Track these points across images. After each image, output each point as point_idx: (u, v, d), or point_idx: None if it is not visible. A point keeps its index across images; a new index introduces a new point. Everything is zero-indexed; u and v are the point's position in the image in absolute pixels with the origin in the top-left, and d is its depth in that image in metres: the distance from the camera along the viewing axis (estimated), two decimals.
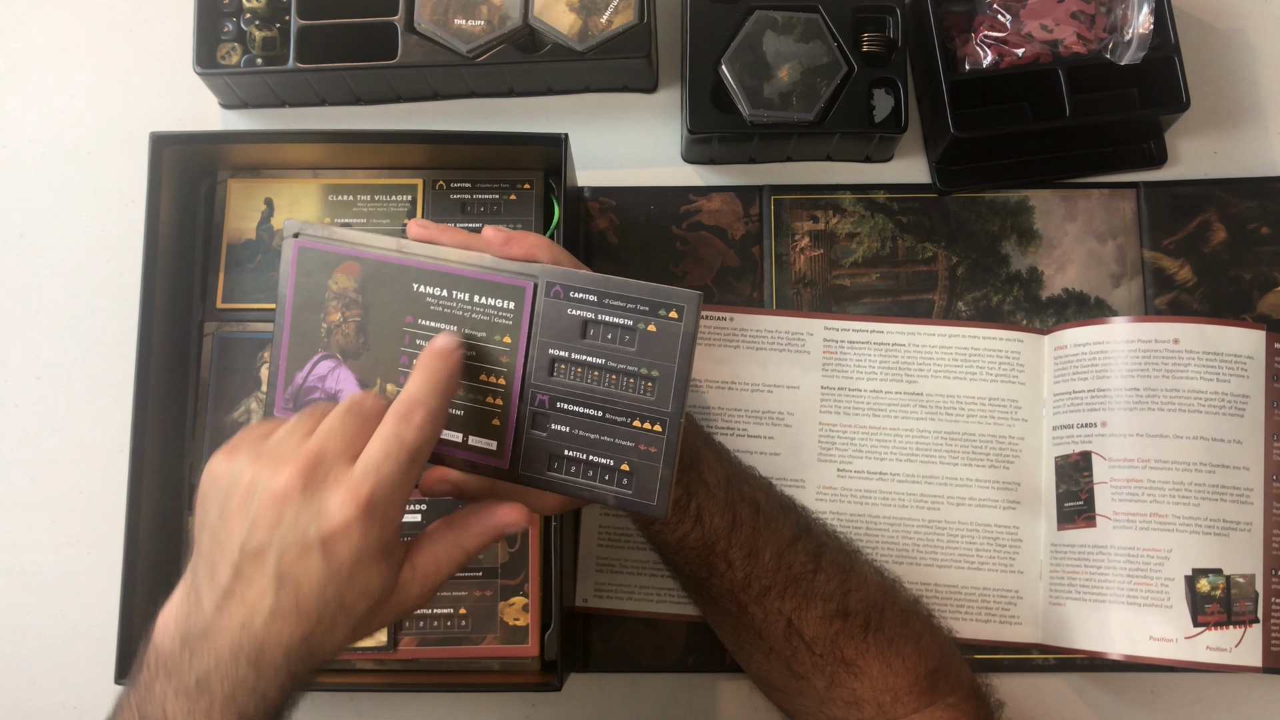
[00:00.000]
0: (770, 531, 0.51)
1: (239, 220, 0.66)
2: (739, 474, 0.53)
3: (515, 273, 0.47)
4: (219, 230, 0.66)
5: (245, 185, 0.66)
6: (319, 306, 0.49)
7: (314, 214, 0.66)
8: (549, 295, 0.46)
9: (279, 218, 0.66)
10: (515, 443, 0.47)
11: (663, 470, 0.45)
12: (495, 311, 0.47)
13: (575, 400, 0.46)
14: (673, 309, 0.45)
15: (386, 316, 0.48)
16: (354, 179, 0.66)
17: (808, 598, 0.51)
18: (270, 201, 0.66)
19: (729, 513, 0.50)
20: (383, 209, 0.66)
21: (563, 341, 0.46)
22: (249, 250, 0.66)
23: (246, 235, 0.66)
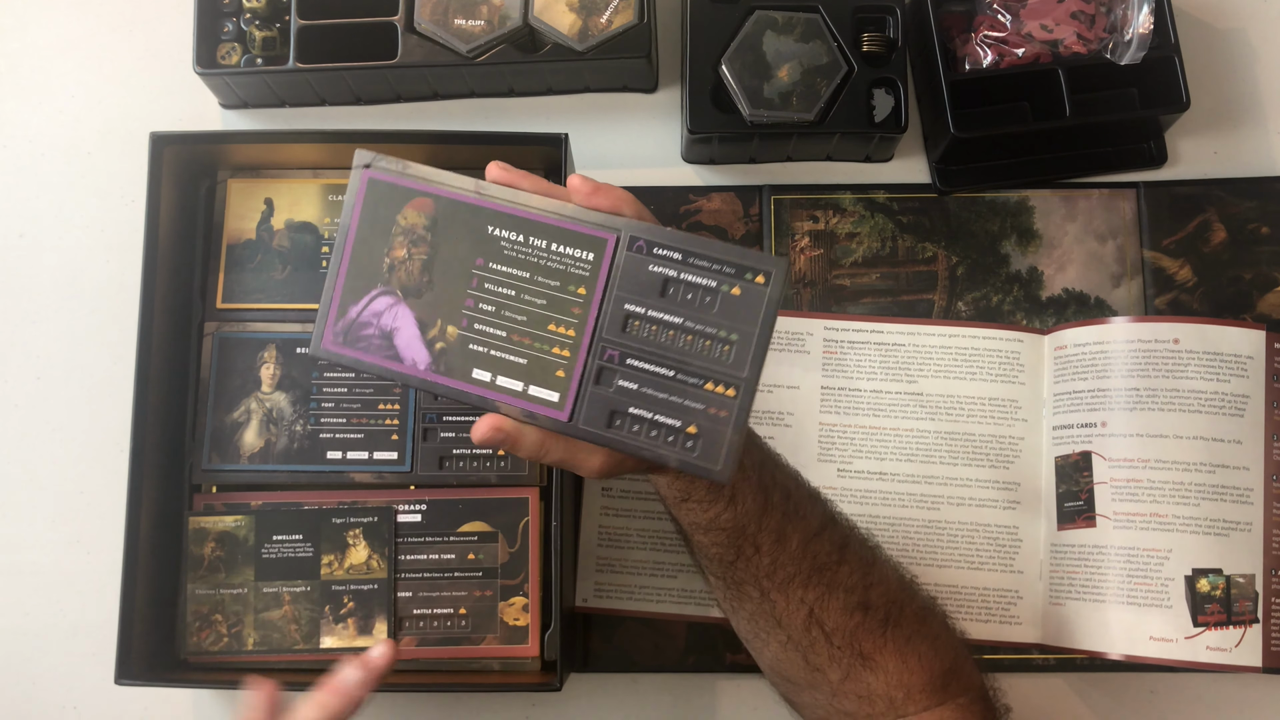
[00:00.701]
0: (799, 519, 0.51)
1: (239, 220, 0.66)
2: (771, 459, 0.52)
3: (598, 224, 0.46)
4: (219, 230, 0.66)
5: (245, 185, 0.66)
6: (384, 239, 0.47)
7: (315, 214, 0.66)
8: (631, 250, 0.45)
9: (279, 217, 0.66)
10: (578, 395, 0.46)
11: (731, 434, 0.44)
12: (572, 261, 0.46)
13: (647, 358, 0.45)
14: (760, 273, 0.44)
15: (456, 256, 0.46)
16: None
17: (831, 588, 0.50)
18: (270, 201, 0.66)
19: (762, 496, 0.50)
20: None
21: (640, 297, 0.45)
22: (249, 250, 0.66)
23: (246, 235, 0.66)
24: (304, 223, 0.66)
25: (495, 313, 0.46)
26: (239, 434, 0.64)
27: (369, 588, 0.63)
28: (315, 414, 0.64)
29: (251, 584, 0.63)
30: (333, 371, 0.64)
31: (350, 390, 0.64)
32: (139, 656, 0.60)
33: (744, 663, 0.65)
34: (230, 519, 0.63)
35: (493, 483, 0.63)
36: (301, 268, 0.65)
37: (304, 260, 0.65)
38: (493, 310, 0.46)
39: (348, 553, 0.63)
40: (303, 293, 0.65)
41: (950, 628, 0.54)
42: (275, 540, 0.63)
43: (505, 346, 0.46)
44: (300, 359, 0.64)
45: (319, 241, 0.66)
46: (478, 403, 0.47)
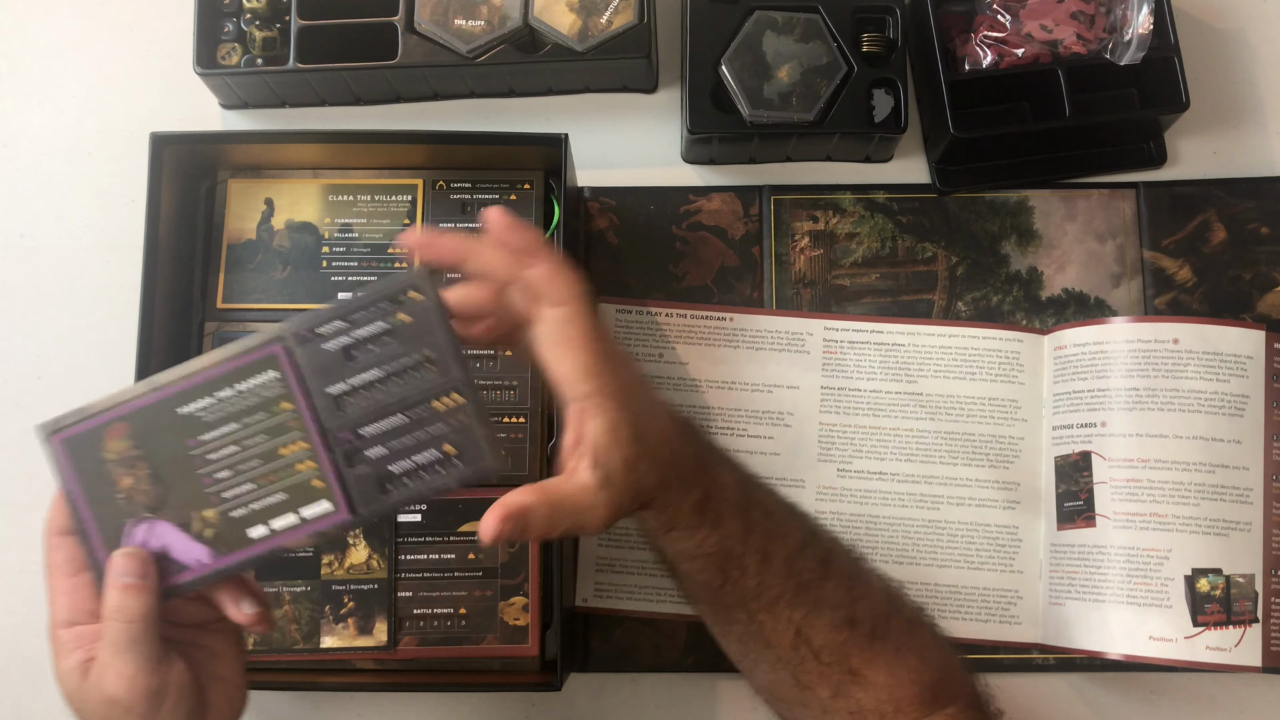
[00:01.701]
0: (781, 536, 0.51)
1: (239, 220, 0.66)
2: (747, 477, 0.52)
3: (259, 345, 0.47)
4: (219, 230, 0.66)
5: (245, 185, 0.66)
6: (107, 480, 0.48)
7: (315, 214, 0.66)
8: (301, 345, 0.47)
9: (279, 217, 0.66)
10: (344, 490, 0.47)
11: (479, 428, 0.46)
12: (261, 388, 0.47)
13: (375, 419, 0.47)
14: (410, 289, 0.46)
15: (170, 452, 0.47)
16: (354, 179, 0.66)
17: (816, 605, 0.50)
18: (270, 201, 0.66)
19: (743, 515, 0.50)
20: (383, 209, 0.66)
21: (335, 376, 0.47)
22: (249, 250, 0.66)
23: (247, 235, 0.66)
24: (304, 223, 0.66)
25: (232, 475, 0.47)
26: None
27: (369, 587, 0.63)
28: None
29: None
30: None
31: None
32: None
33: None
34: None
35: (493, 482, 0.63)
36: (302, 268, 0.65)
37: (304, 260, 0.65)
38: (229, 474, 0.47)
39: (348, 552, 0.63)
40: (304, 293, 0.65)
41: (938, 636, 0.54)
42: None
43: (259, 494, 0.47)
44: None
45: (319, 242, 0.66)
46: (270, 557, 0.47)
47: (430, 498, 0.48)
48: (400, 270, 0.46)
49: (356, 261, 0.65)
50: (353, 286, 0.65)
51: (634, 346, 0.68)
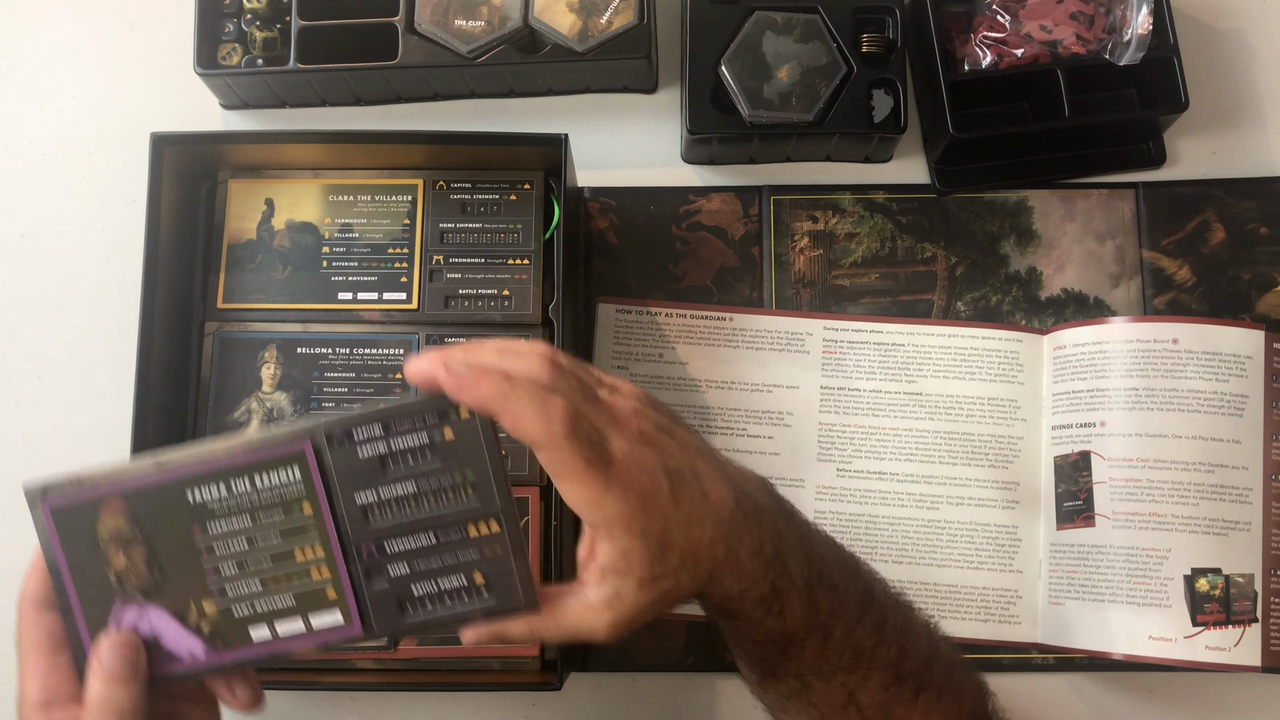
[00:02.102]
0: (843, 610, 0.47)
1: (239, 220, 0.66)
2: (815, 550, 0.48)
3: (287, 438, 0.43)
4: (219, 230, 0.66)
5: (246, 185, 0.66)
6: (97, 557, 0.44)
7: (316, 214, 0.66)
8: (333, 445, 0.43)
9: (280, 217, 0.66)
10: (359, 604, 0.44)
11: (516, 564, 0.44)
12: (282, 486, 0.43)
13: (402, 536, 0.44)
14: (459, 408, 0.43)
15: (173, 537, 0.44)
16: (355, 179, 0.66)
17: (870, 670, 0.48)
18: (271, 201, 0.66)
19: (810, 601, 0.47)
20: (383, 208, 0.66)
21: (366, 485, 0.43)
22: (249, 250, 0.66)
23: (247, 235, 0.66)
24: (305, 223, 0.66)
25: (240, 570, 0.44)
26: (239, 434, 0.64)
27: None
28: (316, 413, 0.64)
29: None
30: (333, 371, 0.64)
31: (351, 390, 0.64)
32: None
33: None
34: None
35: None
36: (302, 267, 0.65)
37: (305, 260, 0.65)
38: (236, 569, 0.44)
39: None
40: (304, 293, 0.65)
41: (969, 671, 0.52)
42: None
43: (266, 595, 0.44)
44: (301, 359, 0.65)
45: (320, 241, 0.66)
46: (272, 661, 0.44)
47: (452, 626, 0.45)
48: None
49: (357, 261, 0.65)
50: (353, 287, 0.65)
51: (634, 346, 0.68)
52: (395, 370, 0.64)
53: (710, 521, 0.43)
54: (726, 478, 0.45)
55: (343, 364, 0.64)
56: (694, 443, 0.45)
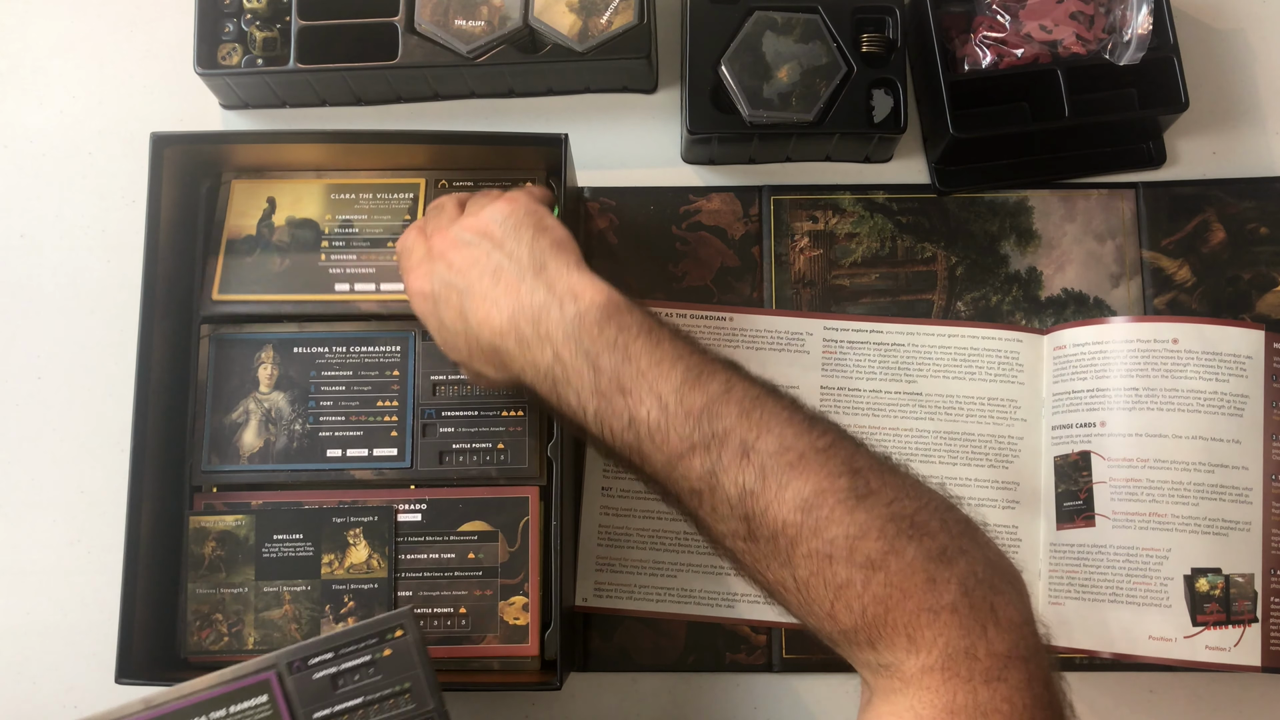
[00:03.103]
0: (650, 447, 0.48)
1: (240, 217, 0.66)
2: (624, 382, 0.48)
3: (254, 671, 0.51)
4: (219, 228, 0.66)
5: (249, 185, 0.67)
6: None
7: (317, 212, 0.66)
8: (293, 673, 0.51)
9: (280, 215, 0.66)
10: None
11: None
12: (253, 710, 0.51)
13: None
14: (396, 628, 0.52)
15: None
16: (358, 179, 0.67)
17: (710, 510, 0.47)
18: (273, 200, 0.66)
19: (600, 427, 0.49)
20: (384, 205, 0.66)
21: (321, 703, 0.51)
22: (248, 244, 0.66)
23: (247, 231, 0.66)
24: (305, 219, 0.66)
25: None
26: (238, 435, 0.64)
27: (369, 587, 0.63)
28: (314, 413, 0.64)
29: (252, 583, 0.63)
30: (330, 370, 0.64)
31: (348, 388, 0.64)
32: (139, 656, 0.60)
33: (743, 662, 0.66)
34: (231, 518, 0.63)
35: (494, 478, 0.63)
36: (300, 260, 0.66)
37: (303, 252, 0.66)
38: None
39: (348, 552, 0.63)
40: (300, 284, 0.65)
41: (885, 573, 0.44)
42: (275, 540, 0.63)
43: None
44: (298, 358, 0.65)
45: (319, 236, 0.66)
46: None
47: None
48: (384, 614, 0.53)
49: (356, 254, 0.66)
50: (351, 278, 0.65)
51: None
52: (392, 368, 0.64)
53: (474, 334, 0.52)
54: (509, 303, 0.51)
55: (339, 363, 0.64)
56: (489, 265, 0.52)
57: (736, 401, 0.47)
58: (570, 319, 0.49)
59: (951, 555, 0.44)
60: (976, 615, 0.43)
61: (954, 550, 0.44)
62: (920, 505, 0.45)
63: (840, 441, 0.47)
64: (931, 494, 0.47)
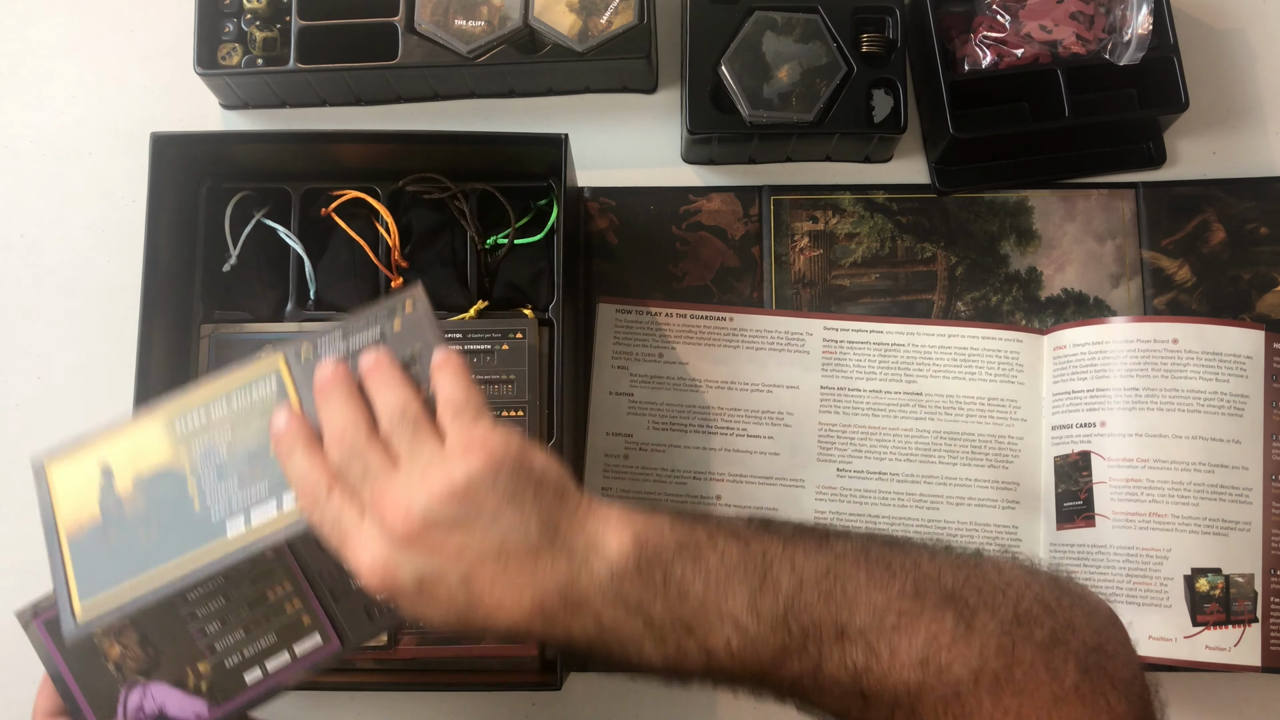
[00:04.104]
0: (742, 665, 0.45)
1: (75, 509, 0.50)
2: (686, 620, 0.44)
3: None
4: (52, 530, 0.50)
5: (68, 462, 0.51)
6: (95, 656, 0.50)
7: (167, 456, 0.49)
8: (300, 361, 0.48)
9: (122, 479, 0.49)
10: (333, 622, 0.50)
11: None
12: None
13: None
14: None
15: (158, 614, 0.49)
16: (194, 394, 0.50)
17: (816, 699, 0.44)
18: (106, 466, 0.50)
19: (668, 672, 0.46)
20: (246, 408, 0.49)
21: None
22: (98, 535, 0.48)
23: (90, 519, 0.49)
24: (156, 471, 0.49)
25: (222, 625, 0.50)
26: None
27: None
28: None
29: None
30: None
31: None
32: None
33: None
34: None
35: None
36: (170, 519, 0.48)
37: (170, 510, 0.48)
38: (219, 625, 0.50)
39: None
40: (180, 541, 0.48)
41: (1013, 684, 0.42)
42: None
43: (250, 640, 0.50)
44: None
45: (182, 482, 0.48)
46: (268, 697, 0.50)
47: (409, 617, 0.50)
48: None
49: (236, 477, 0.48)
50: (243, 508, 0.48)
51: (634, 346, 0.68)
52: None
53: (480, 624, 0.43)
54: (527, 583, 0.43)
55: None
56: (489, 543, 0.42)
57: (812, 587, 0.43)
58: (604, 579, 0.43)
59: (1061, 635, 0.43)
60: (1097, 687, 0.42)
61: (1062, 628, 0.43)
62: (1017, 595, 0.44)
63: (919, 567, 0.44)
64: (1014, 570, 0.45)
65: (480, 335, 0.64)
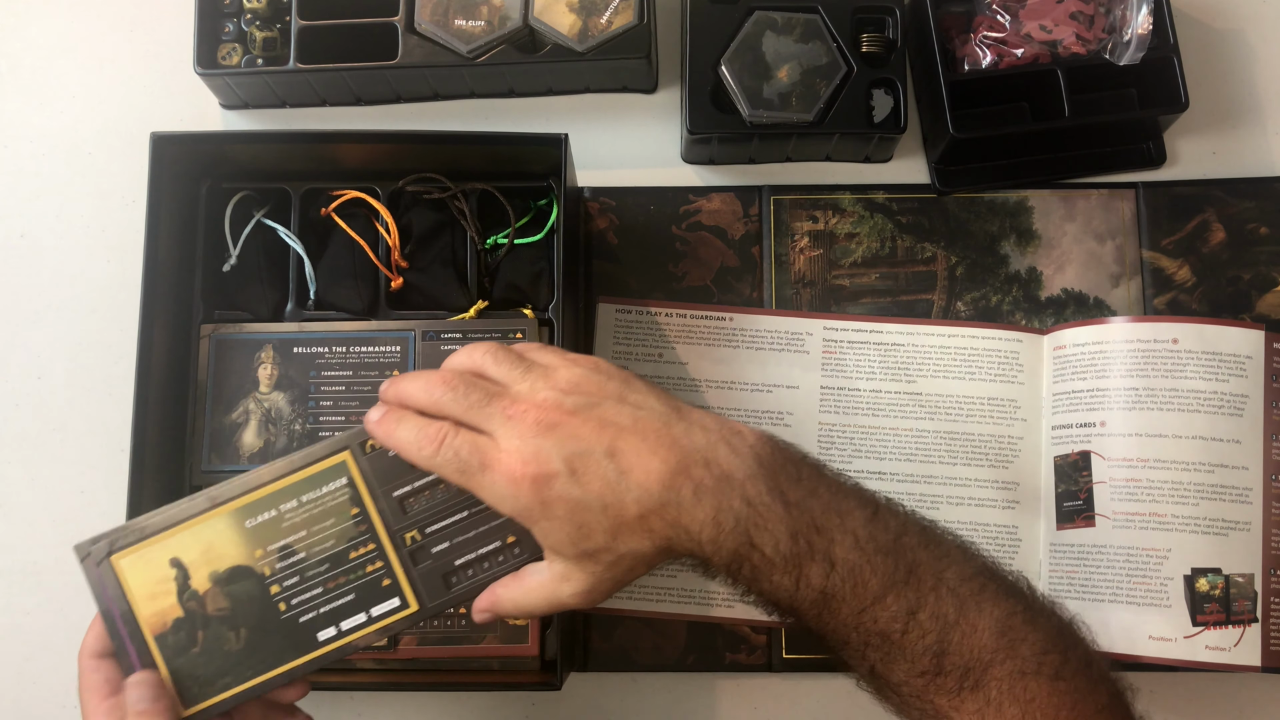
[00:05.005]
0: (848, 591, 0.45)
1: (152, 602, 0.49)
2: (817, 522, 0.45)
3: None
4: (134, 626, 0.49)
5: (137, 557, 0.49)
6: None
7: (241, 553, 0.50)
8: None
9: (198, 576, 0.49)
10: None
11: None
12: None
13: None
14: None
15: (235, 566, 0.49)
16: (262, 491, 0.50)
17: (895, 652, 0.46)
18: (178, 562, 0.50)
19: (795, 576, 0.45)
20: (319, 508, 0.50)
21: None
22: (181, 630, 0.49)
23: (172, 616, 0.49)
24: (232, 568, 0.50)
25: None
26: (238, 435, 0.64)
27: None
28: (314, 413, 0.64)
29: None
30: (330, 369, 0.64)
31: (348, 388, 0.64)
32: None
33: (743, 662, 0.66)
34: None
35: None
36: (257, 623, 0.49)
37: (255, 613, 0.50)
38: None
39: None
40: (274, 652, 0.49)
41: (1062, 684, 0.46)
42: None
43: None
44: (297, 358, 0.65)
45: (262, 583, 0.49)
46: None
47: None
48: None
49: (321, 587, 0.50)
50: (333, 618, 0.49)
51: (634, 347, 0.68)
52: (392, 368, 0.64)
53: (632, 497, 0.44)
54: (669, 449, 0.45)
55: (339, 362, 0.64)
56: (623, 419, 0.46)
57: (916, 533, 0.47)
58: (746, 455, 0.45)
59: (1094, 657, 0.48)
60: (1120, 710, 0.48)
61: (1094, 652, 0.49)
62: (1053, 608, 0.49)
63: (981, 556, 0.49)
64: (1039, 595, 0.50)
65: (480, 335, 0.64)
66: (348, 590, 0.49)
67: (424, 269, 0.67)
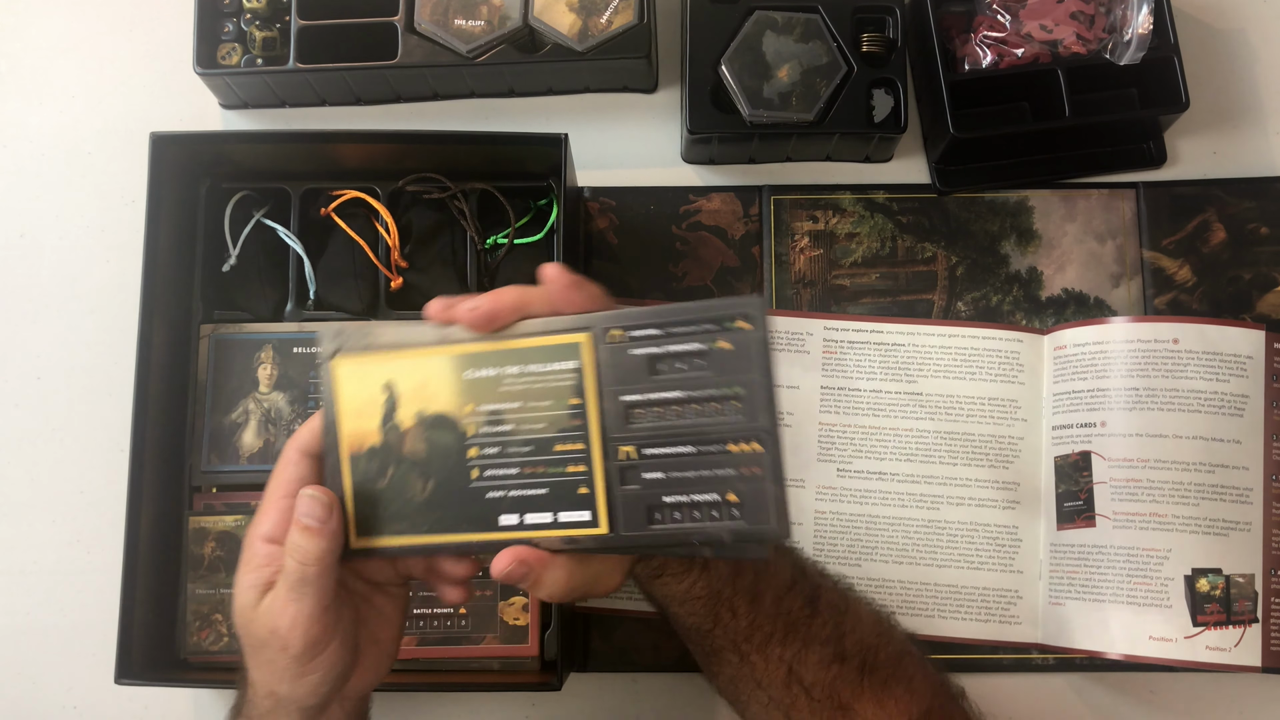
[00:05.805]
0: (769, 575, 0.50)
1: (357, 417, 0.46)
2: None
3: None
4: (333, 432, 0.46)
5: (356, 365, 0.46)
6: None
7: (451, 402, 0.45)
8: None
9: (405, 410, 0.46)
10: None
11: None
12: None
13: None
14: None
15: (443, 411, 0.45)
16: (491, 344, 0.45)
17: (807, 643, 0.49)
18: (391, 387, 0.46)
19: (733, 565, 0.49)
20: (537, 386, 0.45)
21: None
22: (375, 460, 0.46)
23: (369, 440, 0.46)
24: (438, 415, 0.46)
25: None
26: (238, 435, 0.64)
27: None
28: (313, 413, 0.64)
29: None
30: None
31: None
32: (139, 656, 0.60)
33: None
34: (230, 519, 0.63)
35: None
36: (447, 481, 0.46)
37: (448, 470, 0.45)
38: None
39: None
40: (453, 518, 0.46)
41: (926, 666, 0.53)
42: None
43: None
44: (297, 359, 0.64)
45: (463, 442, 0.45)
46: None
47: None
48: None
49: (517, 468, 0.45)
50: (518, 505, 0.45)
51: None
52: None
53: None
54: None
55: None
56: None
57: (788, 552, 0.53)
58: None
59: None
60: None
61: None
62: None
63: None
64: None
65: None
66: (543, 482, 0.44)
67: (424, 269, 0.67)
